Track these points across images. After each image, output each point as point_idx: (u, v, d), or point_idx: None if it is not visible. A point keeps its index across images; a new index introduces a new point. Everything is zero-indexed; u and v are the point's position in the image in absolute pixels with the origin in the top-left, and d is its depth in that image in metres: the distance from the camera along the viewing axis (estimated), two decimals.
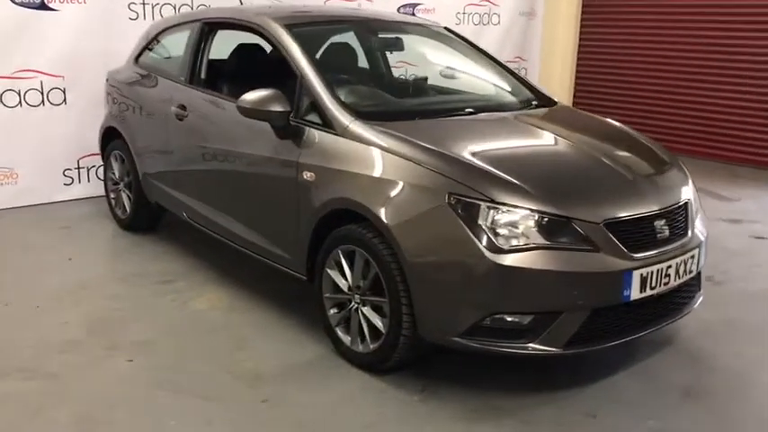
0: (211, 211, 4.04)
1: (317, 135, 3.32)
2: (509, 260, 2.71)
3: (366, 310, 3.11)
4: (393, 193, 2.95)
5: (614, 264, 2.80)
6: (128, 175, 4.90)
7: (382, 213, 2.93)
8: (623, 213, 2.89)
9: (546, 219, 2.78)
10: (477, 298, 2.77)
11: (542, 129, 3.48)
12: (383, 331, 3.03)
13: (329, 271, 3.25)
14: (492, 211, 2.77)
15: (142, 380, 3.10)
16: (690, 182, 3.36)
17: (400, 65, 5.18)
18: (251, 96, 3.40)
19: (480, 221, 2.76)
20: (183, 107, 4.16)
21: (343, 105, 3.33)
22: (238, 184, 3.77)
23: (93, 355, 3.29)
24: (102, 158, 5.29)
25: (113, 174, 5.08)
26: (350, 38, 4.39)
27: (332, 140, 3.25)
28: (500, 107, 3.85)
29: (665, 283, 2.97)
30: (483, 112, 3.66)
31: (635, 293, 2.86)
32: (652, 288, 2.91)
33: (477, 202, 2.78)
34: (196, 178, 4.13)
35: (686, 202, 3.19)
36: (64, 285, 4.08)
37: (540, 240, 2.77)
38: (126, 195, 4.98)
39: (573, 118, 3.98)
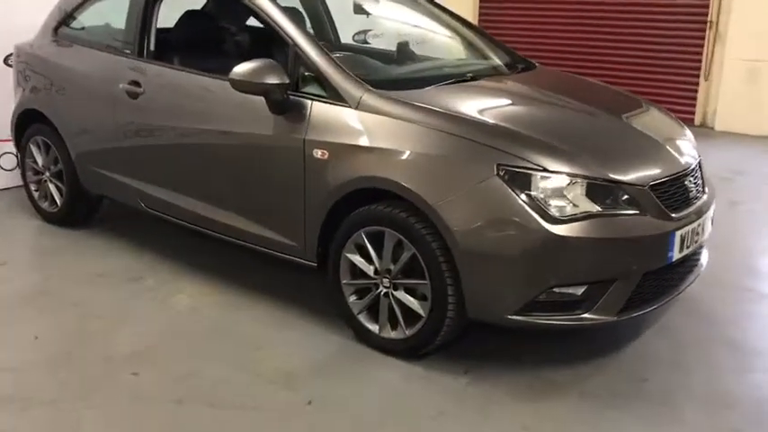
0: (184, 200, 3.63)
1: (324, 109, 3.04)
2: (567, 230, 2.61)
3: (399, 294, 2.92)
4: (433, 169, 2.76)
5: (662, 226, 2.78)
6: (55, 164, 4.35)
7: (423, 191, 2.73)
8: (663, 175, 2.87)
9: (596, 185, 2.70)
10: (534, 272, 2.66)
11: (552, 93, 3.41)
12: (422, 315, 2.85)
13: (349, 256, 3.02)
14: (544, 180, 2.66)
15: (159, 394, 2.74)
16: (693, 138, 3.41)
17: None
18: (243, 68, 3.06)
19: (533, 192, 2.64)
20: (136, 83, 3.70)
21: (350, 76, 3.07)
22: (224, 167, 3.40)
23: (89, 372, 2.88)
24: (17, 146, 4.66)
25: (35, 163, 4.48)
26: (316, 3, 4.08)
27: (345, 114, 2.99)
28: (492, 71, 3.72)
29: (695, 242, 3.00)
30: (481, 76, 3.52)
31: (676, 254, 2.86)
32: (687, 247, 2.93)
33: (529, 171, 2.66)
34: (161, 163, 3.70)
35: (700, 160, 3.24)
36: (14, 293, 3.56)
37: (592, 207, 2.69)
38: (54, 186, 4.41)
39: (567, 81, 3.94)
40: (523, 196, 2.63)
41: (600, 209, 2.69)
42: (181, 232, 4.01)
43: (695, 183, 3.07)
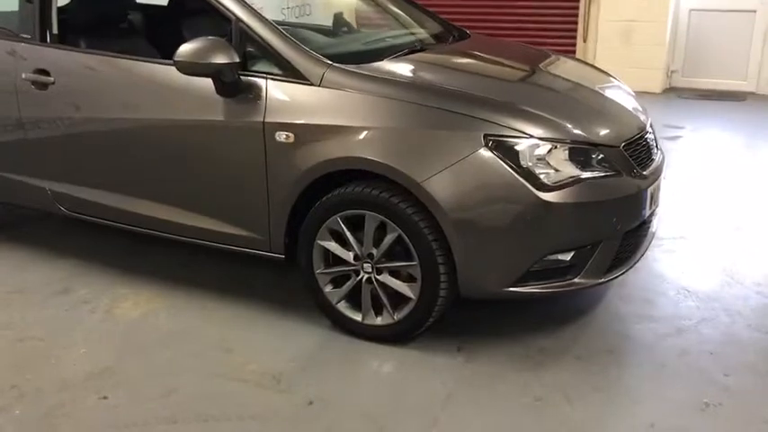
0: (120, 199, 3.26)
1: (283, 88, 2.82)
2: (558, 196, 2.58)
3: (384, 278, 2.78)
4: (415, 145, 2.63)
5: (638, 185, 2.82)
6: None
7: (408, 169, 2.60)
8: (631, 133, 2.91)
9: (577, 148, 2.69)
10: (529, 241, 2.62)
11: (502, 59, 3.36)
12: (412, 297, 2.74)
13: (323, 243, 2.84)
14: (531, 147, 2.60)
15: (143, 417, 2.46)
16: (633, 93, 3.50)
17: None
18: (187, 48, 2.77)
19: (522, 161, 2.59)
20: (44, 72, 3.27)
21: (307, 51, 2.85)
22: (167, 159, 3.08)
23: (48, 404, 2.53)
24: None
25: None
26: None
27: (309, 92, 2.78)
28: (433, 41, 3.62)
29: (658, 198, 3.08)
30: (427, 46, 3.41)
31: (647, 211, 2.92)
32: (653, 203, 3.00)
33: (517, 140, 2.59)
34: (87, 160, 3.30)
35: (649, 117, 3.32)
36: None
37: (576, 171, 2.67)
38: None
39: (507, 46, 3.93)
40: (513, 165, 2.57)
41: (583, 172, 2.68)
42: (102, 235, 3.66)
43: (652, 139, 3.15)
